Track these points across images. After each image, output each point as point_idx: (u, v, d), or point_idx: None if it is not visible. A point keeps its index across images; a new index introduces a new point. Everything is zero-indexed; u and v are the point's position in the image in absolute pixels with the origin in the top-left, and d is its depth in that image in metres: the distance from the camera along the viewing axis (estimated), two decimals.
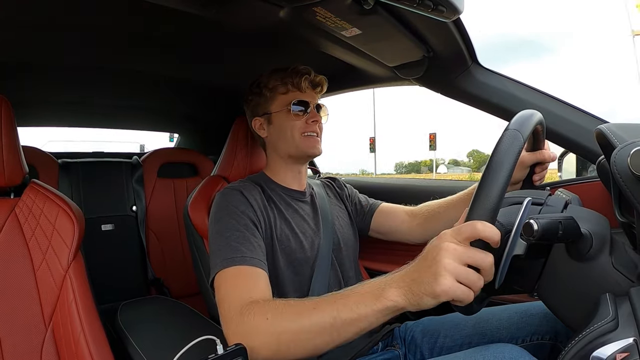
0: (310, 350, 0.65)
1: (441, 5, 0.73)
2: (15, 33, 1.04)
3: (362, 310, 0.60)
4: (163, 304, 1.32)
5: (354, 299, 0.62)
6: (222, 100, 1.87)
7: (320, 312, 0.64)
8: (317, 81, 1.06)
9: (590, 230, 0.58)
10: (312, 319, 0.64)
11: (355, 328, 0.62)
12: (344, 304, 0.62)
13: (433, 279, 0.53)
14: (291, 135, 1.02)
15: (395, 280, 0.59)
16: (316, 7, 0.80)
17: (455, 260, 0.53)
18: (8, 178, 0.88)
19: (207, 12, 0.90)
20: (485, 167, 0.58)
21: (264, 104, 1.06)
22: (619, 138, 0.59)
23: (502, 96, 1.13)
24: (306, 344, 0.65)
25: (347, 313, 0.61)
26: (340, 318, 0.61)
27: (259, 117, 1.08)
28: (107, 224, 1.80)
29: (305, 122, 1.02)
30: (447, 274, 0.53)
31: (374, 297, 0.60)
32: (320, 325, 0.63)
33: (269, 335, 0.66)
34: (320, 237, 1.01)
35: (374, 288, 0.61)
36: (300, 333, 0.64)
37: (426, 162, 32.64)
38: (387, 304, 0.58)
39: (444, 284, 0.52)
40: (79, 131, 2.21)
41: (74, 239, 0.90)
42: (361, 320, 0.60)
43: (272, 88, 1.04)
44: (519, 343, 0.87)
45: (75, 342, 0.83)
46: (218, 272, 0.80)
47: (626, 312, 0.51)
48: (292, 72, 1.03)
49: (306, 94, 1.04)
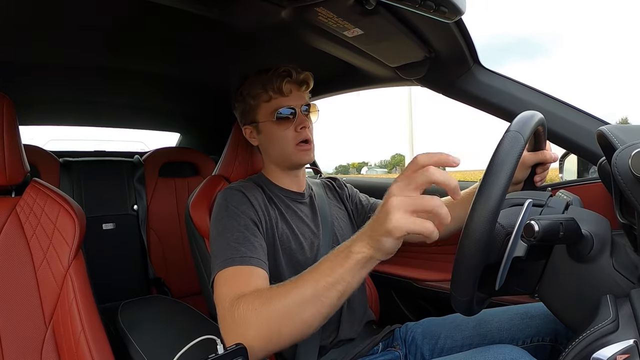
0: (300, 326, 0.66)
1: (443, 6, 0.73)
2: (16, 32, 1.04)
3: (337, 272, 0.62)
4: (164, 303, 1.32)
5: (327, 264, 0.64)
6: (224, 99, 1.87)
7: (300, 286, 0.65)
8: (300, 79, 1.01)
9: (591, 232, 0.58)
10: (295, 296, 0.65)
11: (335, 292, 0.63)
12: (318, 272, 0.65)
13: (385, 218, 0.56)
14: (282, 146, 1.00)
15: (358, 236, 0.63)
16: (318, 7, 0.80)
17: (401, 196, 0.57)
18: (9, 177, 0.88)
19: (209, 12, 0.90)
20: (487, 167, 0.58)
21: (250, 112, 1.03)
22: (620, 139, 0.59)
23: (503, 97, 1.13)
24: (294, 320, 0.65)
25: (324, 278, 0.63)
26: (319, 286, 0.63)
27: (248, 126, 1.06)
28: (108, 223, 1.80)
29: (294, 130, 0.99)
30: (395, 210, 0.55)
31: (344, 256, 0.62)
32: (303, 297, 0.64)
33: (258, 324, 0.66)
34: (320, 239, 1.01)
35: (342, 249, 0.64)
36: (286, 312, 0.65)
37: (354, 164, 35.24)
38: (357, 257, 0.61)
39: (394, 219, 0.55)
40: (81, 130, 2.22)
41: (74, 238, 0.90)
42: (338, 281, 0.62)
43: (254, 96, 1.01)
44: (519, 344, 0.87)
45: (76, 341, 0.83)
46: (217, 273, 0.80)
47: (627, 314, 0.51)
48: (272, 75, 0.98)
49: (291, 96, 1.00)
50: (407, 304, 1.46)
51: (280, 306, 0.66)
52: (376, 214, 0.60)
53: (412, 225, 0.55)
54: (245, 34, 1.09)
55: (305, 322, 0.65)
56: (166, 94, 1.83)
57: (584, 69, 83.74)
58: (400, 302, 1.46)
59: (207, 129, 2.32)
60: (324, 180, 1.23)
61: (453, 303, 0.62)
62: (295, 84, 1.01)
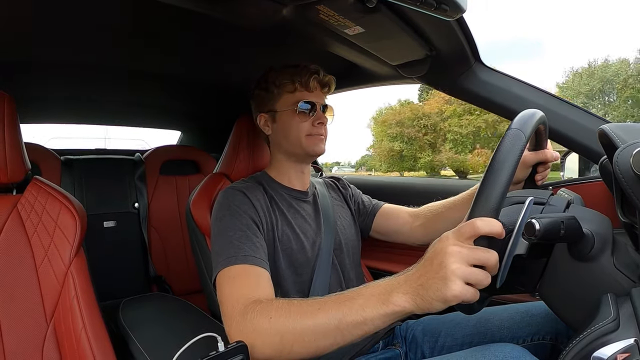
0: (313, 351, 0.65)
1: (444, 4, 0.72)
2: (18, 31, 1.04)
3: (369, 314, 0.60)
4: (165, 301, 1.32)
5: (360, 301, 0.61)
6: (225, 98, 1.88)
7: (325, 313, 0.63)
8: (325, 81, 1.04)
9: (592, 230, 0.58)
10: (317, 321, 0.64)
11: (360, 331, 0.62)
12: (349, 307, 0.62)
13: (443, 284, 0.53)
14: (296, 136, 1.01)
15: (401, 285, 0.59)
16: (319, 5, 0.80)
17: (462, 264, 0.53)
18: (11, 175, 0.89)
19: (211, 11, 0.90)
20: (488, 166, 0.58)
21: (270, 100, 1.04)
22: (621, 138, 0.59)
23: (504, 95, 1.13)
24: (309, 345, 0.64)
25: (352, 316, 0.61)
26: (345, 321, 0.61)
27: (264, 114, 1.06)
28: (109, 220, 1.80)
29: (311, 124, 1.01)
30: (456, 279, 0.53)
31: (381, 301, 0.59)
32: (325, 327, 0.63)
33: (272, 335, 0.66)
34: (322, 237, 1.01)
35: (380, 291, 0.61)
36: (304, 334, 0.64)
37: (327, 164, 37.21)
38: (394, 309, 0.58)
39: (455, 289, 0.52)
40: (82, 128, 2.23)
41: (76, 236, 0.90)
42: (367, 323, 0.60)
43: (279, 85, 1.02)
44: (519, 343, 0.87)
45: (77, 338, 0.83)
46: (220, 271, 0.80)
47: (627, 313, 0.51)
48: (301, 70, 1.02)
49: (314, 93, 1.02)
50: None
51: (299, 326, 0.65)
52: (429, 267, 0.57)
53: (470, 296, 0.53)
54: (246, 33, 1.09)
55: (319, 348, 0.65)
56: (167, 92, 1.83)
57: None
58: None
59: (208, 127, 2.32)
60: (327, 179, 1.23)
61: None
62: (320, 84, 1.04)
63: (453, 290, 0.52)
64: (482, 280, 0.54)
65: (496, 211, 0.56)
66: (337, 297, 0.65)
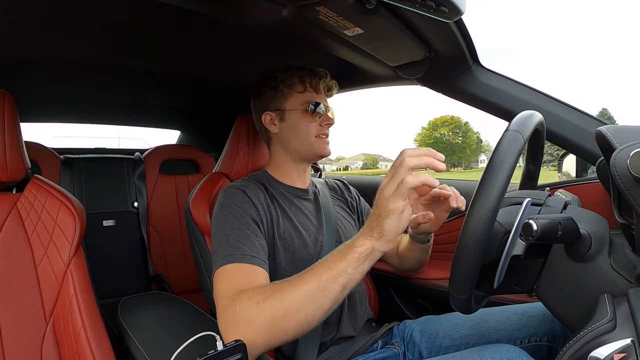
0: (303, 319, 0.67)
1: (443, 6, 0.73)
2: (18, 31, 1.04)
3: (340, 265, 0.66)
4: (164, 299, 1.32)
5: (331, 259, 0.68)
6: (224, 97, 1.87)
7: (304, 280, 0.68)
8: (330, 84, 1.08)
9: (589, 231, 0.58)
10: (299, 289, 0.67)
11: (338, 285, 0.66)
12: (322, 267, 0.68)
13: (380, 205, 0.65)
14: (306, 136, 1.02)
15: (360, 234, 0.68)
16: (319, 6, 0.80)
17: (392, 188, 0.64)
18: (10, 173, 0.89)
19: (210, 10, 0.90)
20: (486, 167, 0.58)
21: (279, 99, 1.05)
22: (618, 140, 0.59)
23: (502, 97, 1.14)
24: (298, 314, 0.66)
25: (326, 272, 0.67)
26: (322, 278, 0.66)
27: (270, 112, 1.06)
28: (108, 219, 1.81)
29: (319, 125, 1.03)
30: (386, 194, 0.64)
31: (346, 250, 0.67)
32: (306, 291, 0.67)
33: (262, 318, 0.67)
34: (324, 234, 1.01)
35: (345, 246, 0.69)
36: (290, 306, 0.67)
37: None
38: (358, 250, 0.66)
39: (390, 199, 0.63)
40: (82, 127, 2.23)
41: (75, 235, 0.90)
42: (341, 274, 0.66)
43: (289, 85, 1.04)
44: (517, 344, 0.87)
45: (76, 337, 0.83)
46: (217, 269, 0.80)
47: (624, 313, 0.51)
48: (310, 72, 1.05)
49: (321, 96, 1.06)
50: (405, 302, 1.46)
51: (284, 300, 0.67)
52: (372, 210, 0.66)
53: (411, 182, 0.62)
54: (245, 33, 1.09)
55: (308, 315, 0.67)
56: (167, 92, 1.83)
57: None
58: (399, 300, 1.47)
59: (207, 127, 2.32)
60: (329, 180, 1.24)
61: (451, 301, 0.63)
62: (326, 87, 1.07)
63: (391, 201, 0.63)
64: (404, 179, 0.63)
65: (494, 211, 0.56)
66: (313, 265, 0.70)
